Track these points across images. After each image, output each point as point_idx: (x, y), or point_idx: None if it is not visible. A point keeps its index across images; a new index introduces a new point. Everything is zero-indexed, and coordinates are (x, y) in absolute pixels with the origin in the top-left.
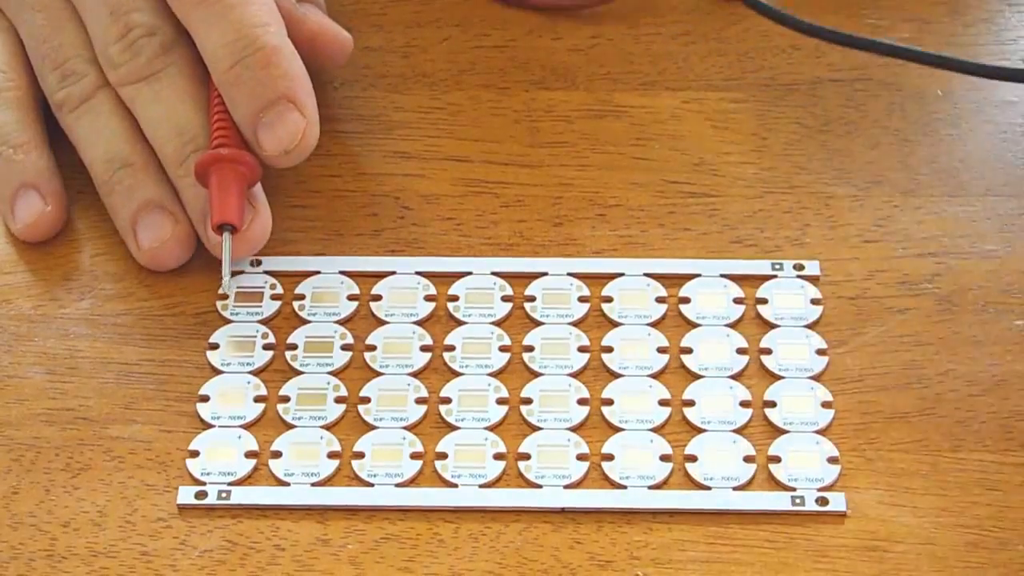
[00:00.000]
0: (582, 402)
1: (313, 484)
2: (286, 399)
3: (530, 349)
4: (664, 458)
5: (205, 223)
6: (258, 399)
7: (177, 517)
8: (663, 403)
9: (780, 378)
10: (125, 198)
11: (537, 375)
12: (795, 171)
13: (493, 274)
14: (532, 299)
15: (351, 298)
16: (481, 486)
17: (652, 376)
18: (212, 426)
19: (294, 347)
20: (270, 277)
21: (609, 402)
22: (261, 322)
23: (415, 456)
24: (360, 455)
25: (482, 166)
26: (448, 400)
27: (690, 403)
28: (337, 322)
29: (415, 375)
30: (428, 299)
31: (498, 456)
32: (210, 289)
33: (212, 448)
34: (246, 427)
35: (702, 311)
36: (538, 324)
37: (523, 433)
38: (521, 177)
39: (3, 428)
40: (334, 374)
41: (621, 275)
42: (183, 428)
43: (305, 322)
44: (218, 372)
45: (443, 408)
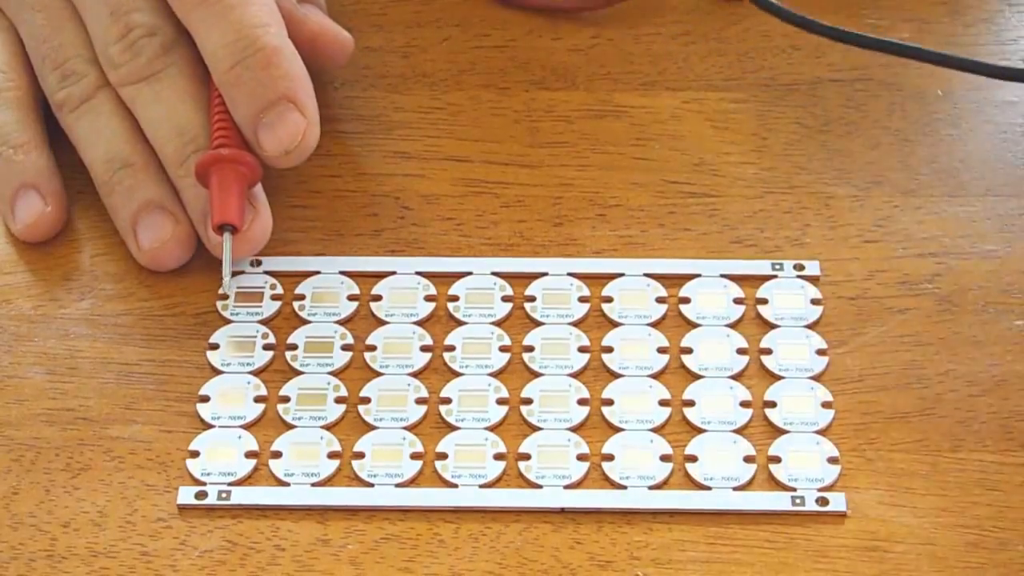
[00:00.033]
0: (582, 402)
1: (313, 484)
2: (286, 399)
3: (530, 349)
4: (664, 458)
5: (205, 223)
6: (258, 399)
7: (177, 517)
8: (663, 403)
9: (780, 378)
10: (125, 198)
11: (537, 375)
12: (795, 171)
13: (493, 274)
14: (532, 299)
15: (351, 298)
16: (481, 486)
17: (652, 376)
18: (212, 426)
19: (294, 347)
20: (270, 277)
21: (609, 402)
22: (261, 322)
23: (415, 456)
24: (360, 455)
25: (482, 166)
26: (448, 400)
27: (690, 403)
28: (337, 322)
29: (415, 375)
30: (428, 299)
31: (498, 456)
32: (210, 289)
33: (212, 448)
34: (246, 427)
35: (702, 311)
36: (538, 324)
37: (523, 433)
38: (521, 177)
39: (3, 428)
40: (334, 374)
41: (621, 275)
42: (183, 428)
43: (305, 322)
44: (218, 372)
45: (443, 408)
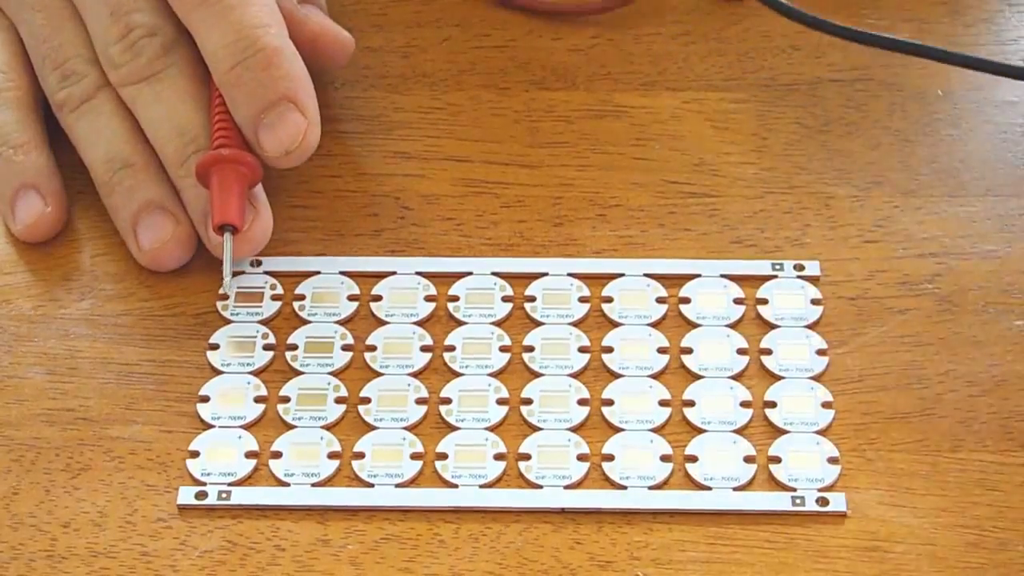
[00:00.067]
0: (582, 402)
1: (313, 484)
2: (286, 399)
3: (530, 349)
4: (664, 458)
5: (206, 223)
6: (258, 399)
7: (177, 517)
8: (663, 403)
9: (780, 378)
10: (126, 199)
11: (537, 375)
12: (795, 171)
13: (493, 274)
14: (532, 299)
15: (351, 298)
16: (481, 486)
17: (652, 376)
18: (212, 426)
19: (294, 347)
20: (270, 277)
21: (609, 402)
22: (261, 322)
23: (415, 456)
24: (360, 455)
25: (482, 166)
26: (448, 400)
27: (690, 403)
28: (337, 322)
29: (415, 375)
30: (428, 299)
31: (498, 456)
32: (210, 289)
33: (212, 448)
34: (246, 427)
35: (702, 311)
36: (538, 324)
37: (523, 433)
38: (521, 177)
39: (3, 428)
40: (334, 374)
41: (621, 275)
42: (183, 428)
43: (305, 322)
44: (218, 372)
45: (443, 408)
